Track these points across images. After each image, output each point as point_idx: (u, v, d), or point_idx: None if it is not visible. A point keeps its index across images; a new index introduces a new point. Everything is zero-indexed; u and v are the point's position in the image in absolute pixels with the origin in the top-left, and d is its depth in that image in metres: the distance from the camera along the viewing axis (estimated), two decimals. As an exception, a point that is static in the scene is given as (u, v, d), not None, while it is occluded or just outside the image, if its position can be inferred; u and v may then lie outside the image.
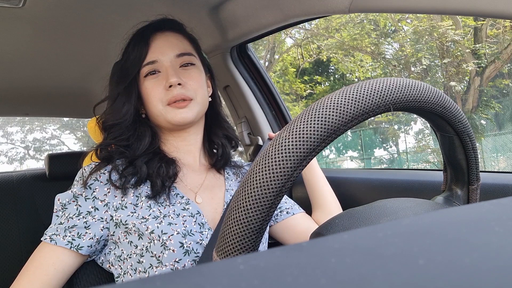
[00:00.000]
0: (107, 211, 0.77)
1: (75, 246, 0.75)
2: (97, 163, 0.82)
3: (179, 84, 0.81)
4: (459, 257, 0.17)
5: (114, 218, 0.77)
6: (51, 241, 0.74)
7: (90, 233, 0.76)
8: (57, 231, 0.75)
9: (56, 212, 0.78)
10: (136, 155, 0.81)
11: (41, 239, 0.76)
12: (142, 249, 0.74)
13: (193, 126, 0.87)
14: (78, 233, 0.75)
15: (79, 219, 0.76)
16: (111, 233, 0.77)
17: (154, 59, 0.83)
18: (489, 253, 0.17)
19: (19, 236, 1.63)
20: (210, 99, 0.91)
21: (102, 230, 0.76)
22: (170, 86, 0.81)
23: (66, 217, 0.76)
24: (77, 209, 0.76)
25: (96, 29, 1.24)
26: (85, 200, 0.77)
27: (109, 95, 0.87)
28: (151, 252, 0.73)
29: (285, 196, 1.01)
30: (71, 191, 0.78)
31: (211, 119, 0.94)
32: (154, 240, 0.73)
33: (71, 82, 1.72)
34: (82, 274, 0.80)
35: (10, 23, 1.13)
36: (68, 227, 0.75)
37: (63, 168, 1.72)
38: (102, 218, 0.77)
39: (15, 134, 14.50)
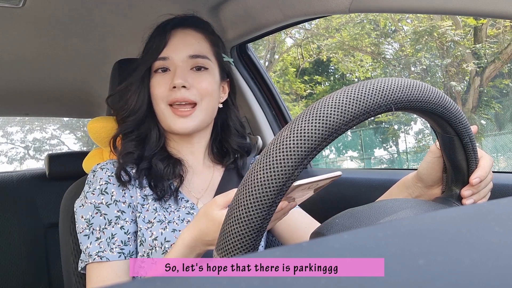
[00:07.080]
0: (132, 211, 0.76)
1: (128, 254, 0.73)
2: (105, 163, 0.80)
3: (183, 86, 0.78)
4: (459, 257, 0.17)
5: (137, 218, 0.76)
6: (101, 258, 0.70)
7: (131, 237, 0.74)
8: (101, 247, 0.71)
9: (83, 231, 0.74)
10: (145, 155, 0.80)
11: (83, 263, 0.72)
12: (143, 255, 0.74)
13: (198, 132, 0.84)
14: (122, 241, 0.73)
15: (113, 227, 0.73)
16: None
17: (166, 56, 0.81)
18: (489, 253, 0.17)
19: (19, 236, 1.63)
20: (221, 106, 0.87)
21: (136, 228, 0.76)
22: (174, 87, 0.78)
23: (99, 230, 0.73)
24: (104, 218, 0.74)
25: (96, 29, 1.24)
26: (108, 207, 0.75)
27: (123, 85, 0.85)
28: (152, 259, 0.73)
29: None
30: (90, 203, 0.75)
31: (221, 126, 0.89)
32: (156, 247, 0.73)
33: (71, 82, 1.72)
34: None
35: (10, 23, 1.13)
36: (109, 238, 0.72)
37: (63, 168, 1.72)
38: (132, 220, 0.76)
39: (15, 134, 14.48)
